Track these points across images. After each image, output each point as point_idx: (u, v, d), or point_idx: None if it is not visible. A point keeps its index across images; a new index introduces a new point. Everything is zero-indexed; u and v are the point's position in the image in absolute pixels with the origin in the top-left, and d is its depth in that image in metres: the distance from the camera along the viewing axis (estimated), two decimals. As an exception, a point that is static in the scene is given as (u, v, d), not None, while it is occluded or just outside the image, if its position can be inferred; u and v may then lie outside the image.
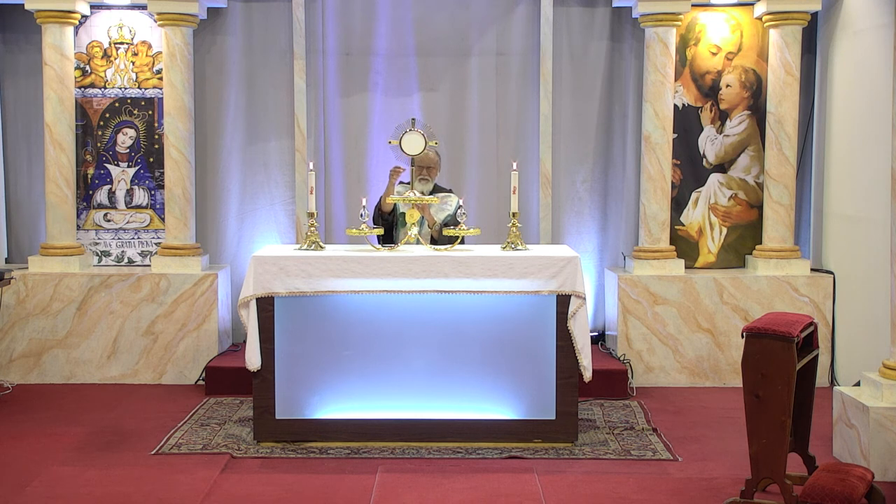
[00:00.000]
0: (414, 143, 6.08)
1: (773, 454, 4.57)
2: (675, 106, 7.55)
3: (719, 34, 7.60)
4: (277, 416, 5.81)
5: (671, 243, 7.54)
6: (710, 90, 7.64)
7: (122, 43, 7.68)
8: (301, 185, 7.78)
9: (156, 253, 7.59)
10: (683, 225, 7.69)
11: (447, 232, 6.07)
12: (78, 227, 7.67)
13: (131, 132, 7.71)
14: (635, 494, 5.02)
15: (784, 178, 7.39)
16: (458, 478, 5.23)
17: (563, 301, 5.75)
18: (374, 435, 5.81)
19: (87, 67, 7.66)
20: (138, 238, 7.74)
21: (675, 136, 7.56)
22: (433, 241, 6.27)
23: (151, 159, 7.71)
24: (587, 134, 7.90)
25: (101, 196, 7.72)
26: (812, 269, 7.45)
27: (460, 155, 7.95)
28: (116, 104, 7.69)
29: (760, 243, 7.56)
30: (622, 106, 7.88)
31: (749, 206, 7.68)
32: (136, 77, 7.69)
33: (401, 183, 6.59)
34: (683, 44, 7.59)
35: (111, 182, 7.72)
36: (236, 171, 7.92)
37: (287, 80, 7.84)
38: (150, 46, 7.69)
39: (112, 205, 7.73)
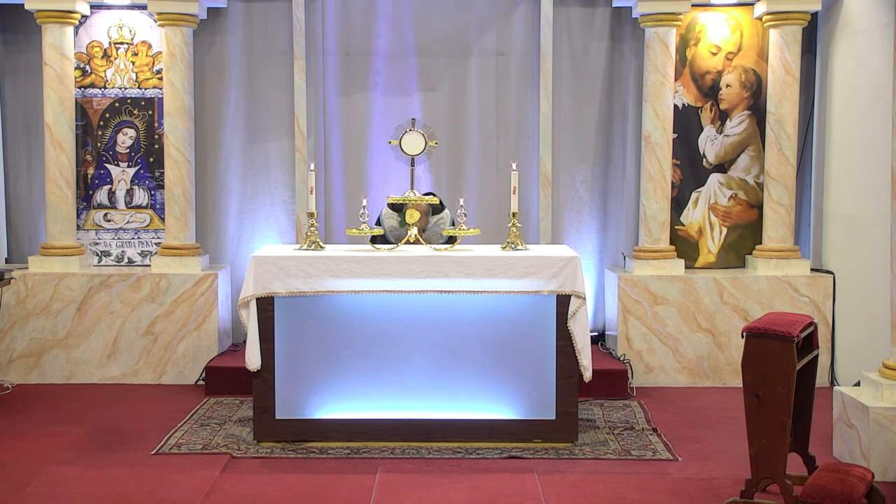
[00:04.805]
0: (414, 143, 6.08)
1: (773, 454, 4.57)
2: (675, 106, 7.55)
3: (719, 34, 7.60)
4: (277, 416, 5.81)
5: (671, 243, 7.54)
6: (710, 90, 7.64)
7: (122, 43, 7.68)
8: (301, 185, 7.78)
9: (156, 253, 7.59)
10: (683, 225, 7.69)
11: (447, 232, 6.07)
12: (78, 227, 7.67)
13: (131, 132, 7.71)
14: (635, 494, 5.02)
15: (784, 178, 7.39)
16: (458, 478, 5.23)
17: (563, 301, 5.75)
18: (374, 435, 5.81)
19: (87, 67, 7.66)
20: (138, 238, 7.74)
21: (675, 136, 7.56)
22: None
23: (151, 159, 7.71)
24: (587, 134, 7.90)
25: (101, 196, 7.72)
26: (812, 269, 7.44)
27: (460, 155, 7.95)
28: (116, 104, 7.69)
29: (760, 243, 7.56)
30: (622, 106, 7.88)
31: (749, 206, 7.68)
32: (136, 77, 7.69)
33: (390, 206, 6.60)
34: (683, 44, 7.59)
35: (111, 182, 7.72)
36: (236, 171, 7.92)
37: (287, 80, 7.84)
38: (150, 46, 7.69)
39: (112, 205, 7.73)
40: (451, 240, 6.11)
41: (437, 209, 6.64)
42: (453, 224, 6.75)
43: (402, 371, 5.82)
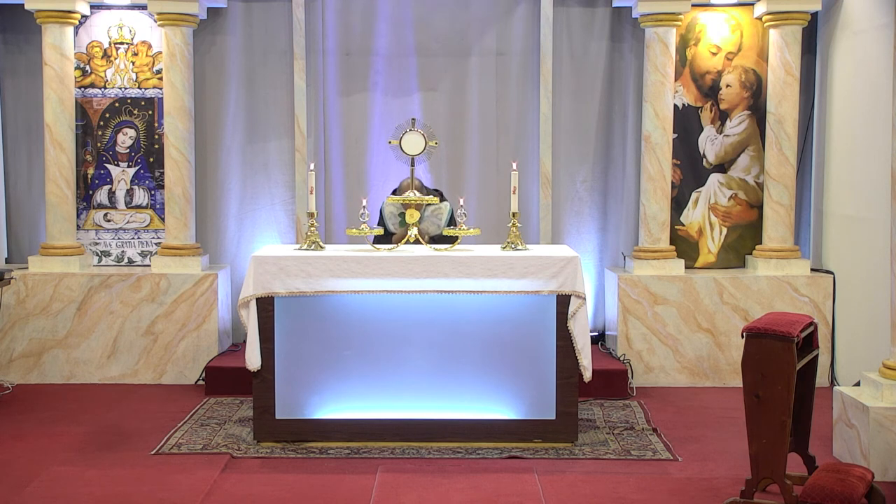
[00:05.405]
0: (414, 143, 6.07)
1: (773, 454, 4.57)
2: (675, 106, 7.55)
3: (719, 34, 7.60)
4: (277, 416, 5.81)
5: (671, 243, 7.54)
6: (710, 90, 7.64)
7: (122, 43, 7.68)
8: (301, 185, 7.78)
9: (156, 253, 7.59)
10: (683, 225, 7.69)
11: (447, 232, 6.07)
12: (78, 227, 7.67)
13: (131, 132, 7.71)
14: (635, 494, 5.02)
15: (784, 178, 7.39)
16: (458, 478, 5.23)
17: (563, 301, 5.75)
18: (374, 435, 5.81)
19: (87, 67, 7.66)
20: (138, 238, 7.74)
21: (675, 136, 7.56)
22: None
23: (151, 159, 7.71)
24: (587, 134, 7.90)
25: (101, 196, 7.72)
26: (812, 269, 7.45)
27: (460, 155, 7.95)
28: (116, 104, 7.69)
29: (760, 243, 7.56)
30: (622, 106, 7.88)
31: (749, 206, 7.68)
32: (136, 77, 7.69)
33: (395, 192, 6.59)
34: (683, 44, 7.59)
35: (111, 182, 7.72)
36: (236, 171, 7.92)
37: (287, 80, 7.84)
38: (150, 46, 7.69)
39: (112, 205, 7.73)
40: (451, 240, 6.11)
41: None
42: (453, 220, 6.75)
43: (402, 371, 5.82)
